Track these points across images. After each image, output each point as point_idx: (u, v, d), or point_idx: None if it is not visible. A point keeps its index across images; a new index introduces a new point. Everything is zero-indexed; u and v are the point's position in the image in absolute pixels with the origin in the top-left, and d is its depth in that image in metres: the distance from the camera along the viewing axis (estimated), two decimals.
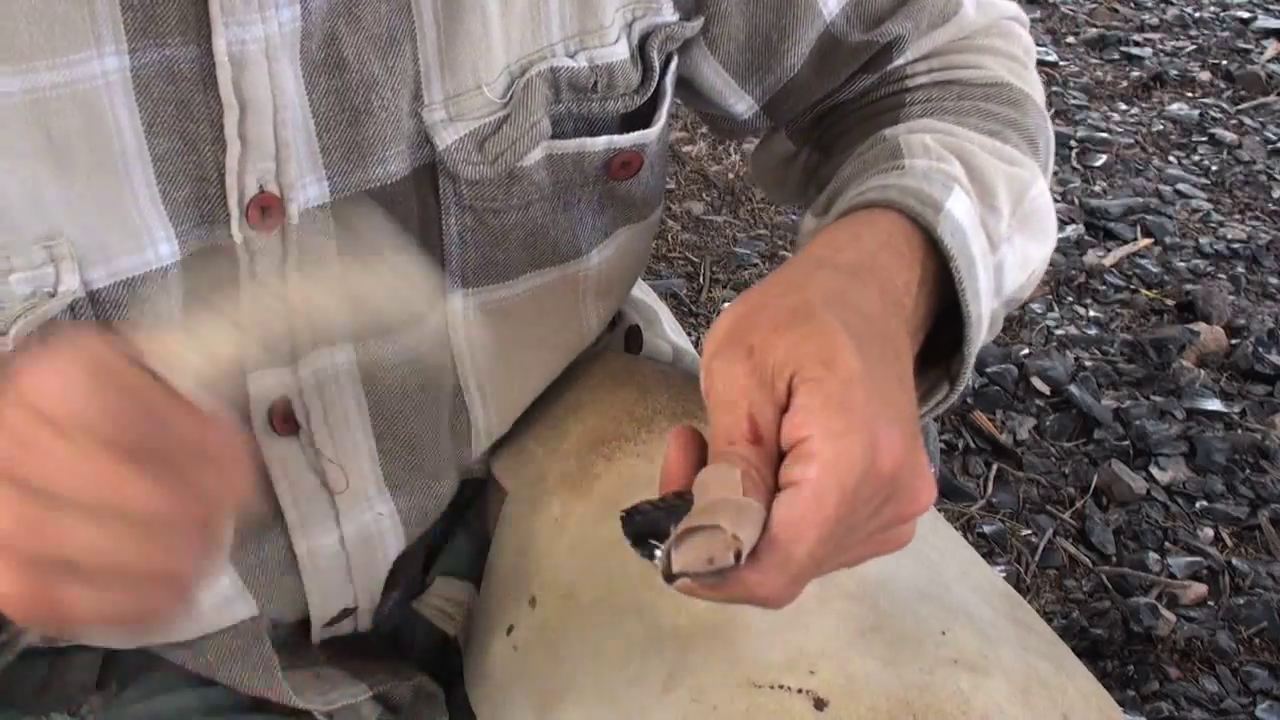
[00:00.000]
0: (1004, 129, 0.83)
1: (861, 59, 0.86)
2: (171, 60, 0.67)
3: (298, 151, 0.71)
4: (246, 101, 0.68)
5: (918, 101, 0.85)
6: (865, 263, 0.67)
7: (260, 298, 0.74)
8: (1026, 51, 0.91)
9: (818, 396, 0.57)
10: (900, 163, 0.76)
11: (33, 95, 0.64)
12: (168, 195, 0.69)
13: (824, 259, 0.67)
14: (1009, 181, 0.78)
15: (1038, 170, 0.83)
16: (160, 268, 0.70)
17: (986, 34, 0.88)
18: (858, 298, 0.64)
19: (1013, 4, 0.92)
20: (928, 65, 0.87)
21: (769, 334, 0.60)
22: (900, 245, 0.69)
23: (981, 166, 0.77)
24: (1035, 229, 0.81)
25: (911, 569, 0.74)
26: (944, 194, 0.71)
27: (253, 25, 0.67)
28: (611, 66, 0.78)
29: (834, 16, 0.84)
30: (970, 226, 0.72)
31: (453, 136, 0.75)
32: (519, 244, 0.81)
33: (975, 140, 0.80)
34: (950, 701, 0.65)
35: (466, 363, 0.83)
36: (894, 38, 0.85)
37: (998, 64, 0.87)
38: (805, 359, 0.58)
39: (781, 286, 0.64)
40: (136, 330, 0.58)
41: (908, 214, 0.70)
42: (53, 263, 0.67)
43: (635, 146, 0.81)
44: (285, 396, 0.78)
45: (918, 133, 0.79)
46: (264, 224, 0.72)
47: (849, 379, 0.58)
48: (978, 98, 0.85)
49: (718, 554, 0.56)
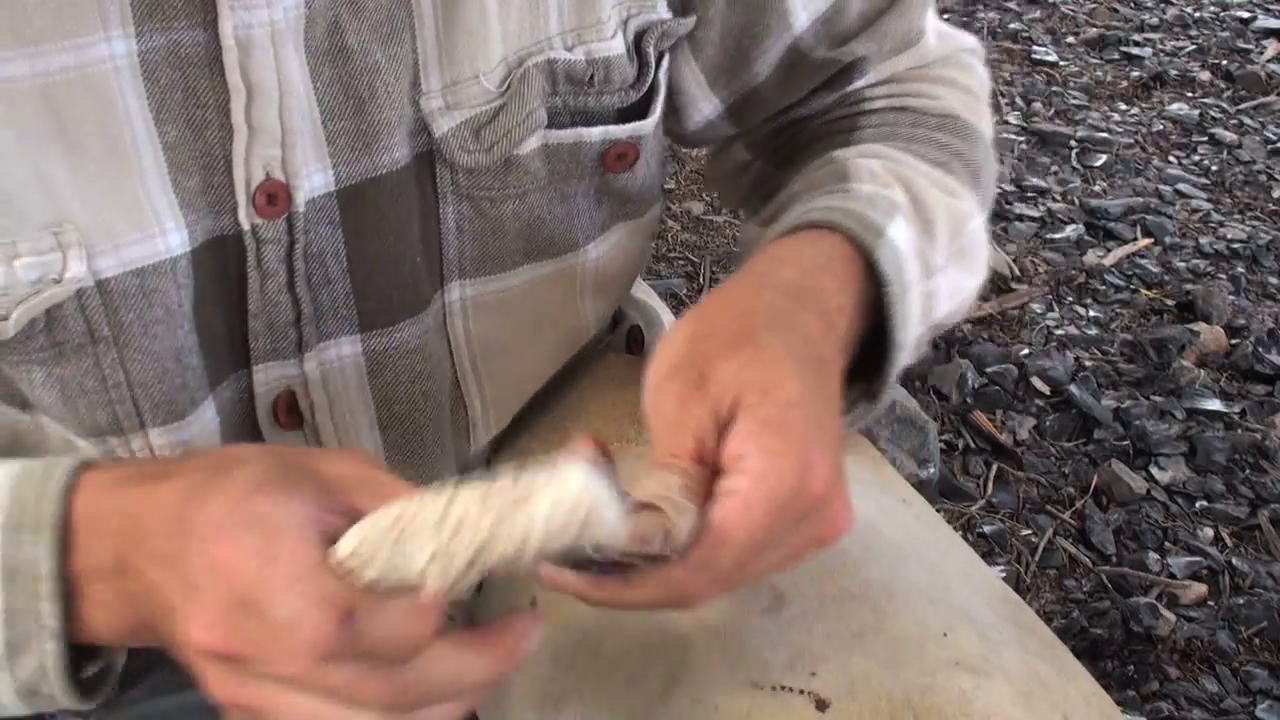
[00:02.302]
0: (950, 160, 0.85)
1: (825, 75, 0.88)
2: (178, 44, 0.67)
3: (303, 138, 0.71)
4: (253, 86, 0.68)
5: (872, 125, 0.88)
6: (805, 284, 0.70)
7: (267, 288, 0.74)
8: (981, 85, 0.94)
9: (756, 420, 0.61)
10: (847, 186, 0.78)
11: (43, 79, 0.64)
12: (178, 184, 0.69)
13: (766, 276, 0.71)
14: (949, 214, 0.81)
15: (977, 205, 0.86)
16: (170, 258, 0.70)
17: (944, 64, 0.91)
18: (799, 320, 0.67)
19: (971, 37, 0.95)
20: (886, 90, 0.89)
21: (715, 360, 0.63)
22: (839, 268, 0.72)
23: (924, 196, 0.80)
24: (969, 261, 0.84)
25: (914, 571, 0.74)
26: (886, 220, 0.74)
27: (258, 9, 0.67)
28: (609, 60, 0.79)
29: (803, 30, 0.86)
30: (908, 253, 0.75)
31: (449, 124, 0.76)
32: (516, 235, 0.81)
33: (921, 170, 0.83)
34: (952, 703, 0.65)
35: (464, 354, 0.84)
36: (857, 58, 0.87)
37: (953, 96, 0.90)
38: (747, 385, 0.62)
39: (729, 308, 0.68)
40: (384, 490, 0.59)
41: (849, 237, 0.72)
42: (60, 249, 0.67)
43: (631, 138, 0.82)
44: (290, 389, 0.78)
45: (867, 158, 0.82)
46: (270, 212, 0.72)
47: (787, 404, 0.62)
48: (931, 127, 0.87)
49: (650, 535, 0.58)
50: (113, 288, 0.69)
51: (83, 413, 0.72)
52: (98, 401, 0.72)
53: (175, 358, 0.72)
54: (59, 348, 0.70)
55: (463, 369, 0.84)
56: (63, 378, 0.71)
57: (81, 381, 0.71)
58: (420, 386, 0.82)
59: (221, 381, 0.77)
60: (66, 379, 0.71)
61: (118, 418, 0.73)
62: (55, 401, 0.71)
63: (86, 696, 0.65)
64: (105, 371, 0.71)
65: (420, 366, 0.82)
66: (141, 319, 0.70)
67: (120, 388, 0.72)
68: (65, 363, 0.70)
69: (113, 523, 0.60)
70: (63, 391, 0.71)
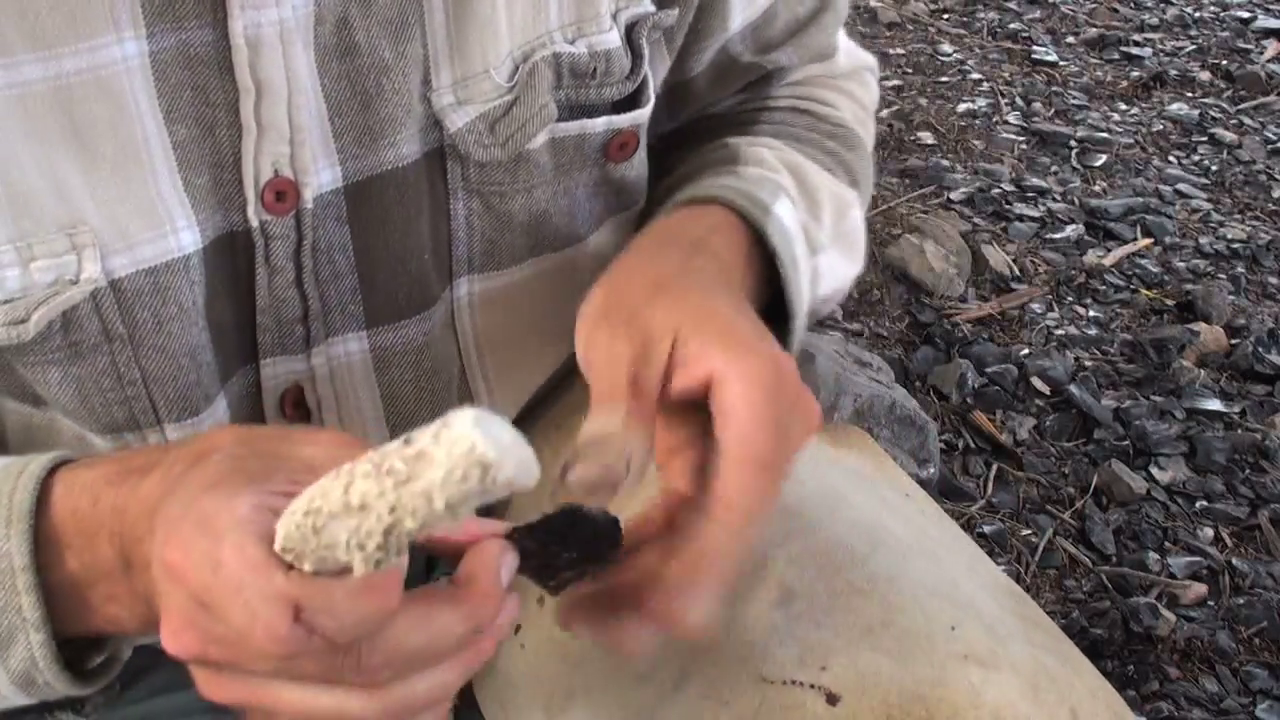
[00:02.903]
0: (836, 167, 0.91)
1: (748, 79, 0.93)
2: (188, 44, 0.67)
3: (311, 136, 0.72)
4: (262, 85, 0.69)
5: (772, 121, 0.93)
6: (697, 243, 0.73)
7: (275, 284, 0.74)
8: (873, 101, 1.02)
9: (707, 336, 0.62)
10: (735, 168, 0.83)
11: (56, 82, 0.64)
12: (189, 182, 0.69)
13: (663, 238, 0.73)
14: (833, 197, 0.87)
15: (857, 200, 0.91)
16: (182, 256, 0.70)
17: (847, 78, 0.98)
18: (699, 265, 0.70)
19: (870, 56, 1.04)
20: (790, 91, 0.95)
21: (643, 305, 0.64)
22: (725, 231, 0.75)
23: (811, 179, 0.86)
24: (849, 248, 0.89)
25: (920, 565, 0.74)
26: (772, 199, 0.78)
27: (268, 8, 0.67)
28: (609, 53, 0.80)
29: (733, 34, 0.89)
30: (794, 231, 0.78)
31: (464, 119, 0.76)
32: (523, 229, 0.82)
33: (810, 162, 0.88)
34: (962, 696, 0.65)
35: (471, 348, 0.84)
36: (778, 67, 0.93)
37: (848, 108, 0.96)
38: (683, 318, 0.63)
39: (636, 265, 0.70)
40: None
41: (737, 211, 0.76)
42: (75, 251, 0.67)
43: (632, 126, 0.83)
44: (298, 384, 0.79)
45: (757, 146, 0.87)
46: (279, 209, 0.72)
47: (728, 320, 0.64)
48: (823, 133, 0.93)
49: (612, 460, 0.58)
50: (127, 287, 0.69)
51: (99, 411, 0.72)
52: (114, 399, 0.72)
53: (189, 354, 0.73)
54: (75, 348, 0.70)
55: (470, 364, 0.85)
56: (79, 377, 0.71)
57: (98, 380, 0.71)
58: (427, 382, 0.83)
59: (231, 376, 0.77)
60: (83, 378, 0.71)
61: (134, 414, 0.73)
62: (71, 400, 0.72)
63: (85, 683, 0.66)
64: (121, 370, 0.71)
65: (427, 362, 0.82)
66: (156, 317, 0.71)
67: (136, 385, 0.72)
68: (81, 362, 0.70)
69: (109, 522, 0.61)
70: (79, 390, 0.71)
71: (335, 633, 0.54)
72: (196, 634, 0.55)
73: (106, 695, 0.87)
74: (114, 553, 0.61)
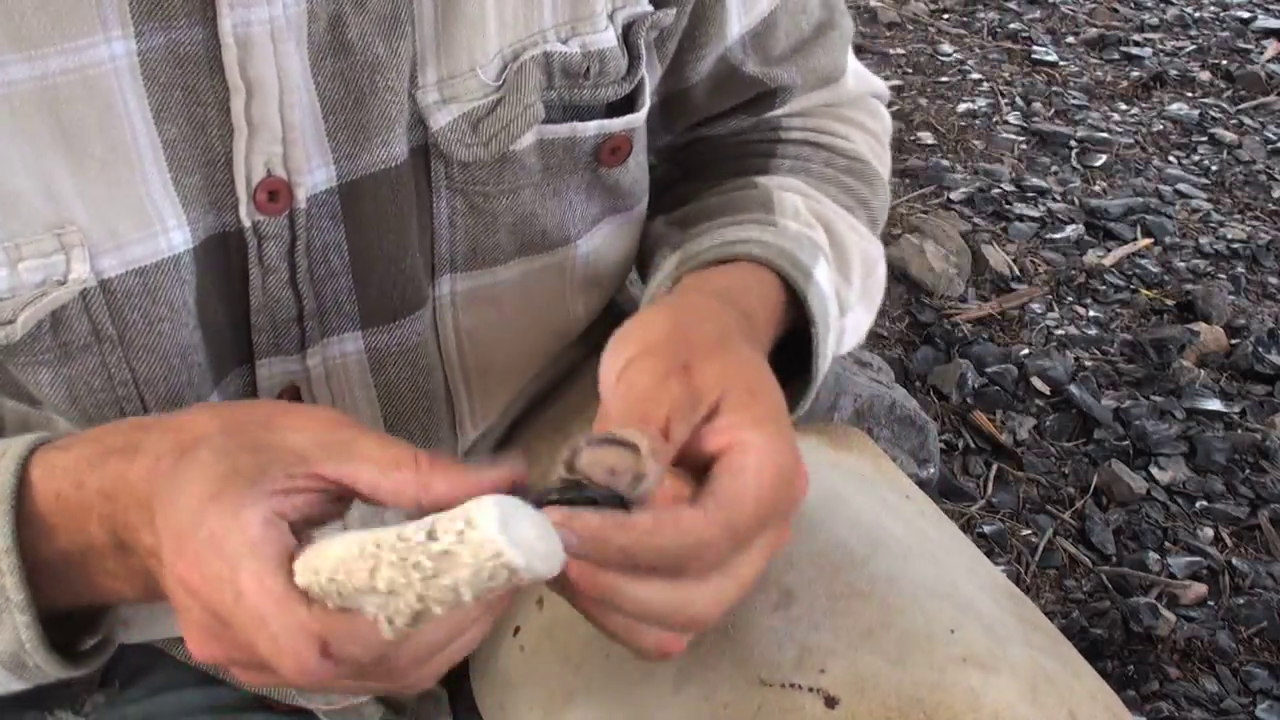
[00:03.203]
0: (857, 207, 0.92)
1: (749, 94, 0.92)
2: (177, 43, 0.67)
3: (304, 135, 0.71)
4: (253, 84, 0.68)
5: (789, 155, 0.93)
6: (751, 316, 0.74)
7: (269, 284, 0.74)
8: (885, 130, 1.01)
9: (747, 416, 0.62)
10: (773, 219, 0.83)
11: (43, 82, 0.64)
12: (179, 182, 0.69)
13: (727, 299, 0.74)
14: (863, 257, 0.88)
15: (881, 250, 0.93)
16: (172, 256, 0.70)
17: (854, 106, 0.98)
18: (749, 335, 0.71)
19: (880, 82, 1.03)
20: (801, 122, 0.95)
21: (702, 357, 0.64)
22: (772, 307, 0.77)
23: (842, 238, 0.86)
24: (871, 302, 0.91)
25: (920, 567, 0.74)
26: (812, 261, 0.79)
27: (258, 7, 0.67)
28: (603, 53, 0.79)
29: (733, 41, 0.88)
30: (829, 295, 0.80)
31: (447, 118, 0.76)
32: (508, 229, 0.81)
33: (838, 212, 0.89)
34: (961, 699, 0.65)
35: (451, 347, 0.84)
36: (781, 85, 0.92)
37: (862, 140, 0.96)
38: (733, 385, 0.64)
39: (704, 314, 0.70)
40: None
41: (782, 276, 0.77)
42: (63, 251, 0.67)
43: (625, 130, 0.83)
44: (294, 384, 0.78)
45: (788, 191, 0.87)
46: (272, 209, 0.72)
47: (772, 408, 0.64)
48: (840, 168, 0.93)
49: (620, 469, 0.57)
50: (116, 287, 0.69)
51: (90, 411, 0.72)
52: (105, 400, 0.72)
53: (180, 355, 0.73)
54: (65, 348, 0.70)
55: (450, 361, 0.84)
56: (70, 378, 0.71)
57: (88, 381, 0.71)
58: (423, 382, 0.82)
59: (225, 377, 0.77)
60: (73, 379, 0.71)
61: (125, 415, 0.73)
62: (63, 400, 0.72)
63: (77, 665, 0.66)
64: (111, 370, 0.71)
65: (422, 362, 0.82)
66: (146, 317, 0.70)
67: (127, 385, 0.72)
68: (72, 363, 0.70)
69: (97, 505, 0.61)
70: (70, 391, 0.71)
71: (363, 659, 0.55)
72: (221, 646, 0.57)
73: (107, 694, 0.87)
74: (105, 534, 0.61)
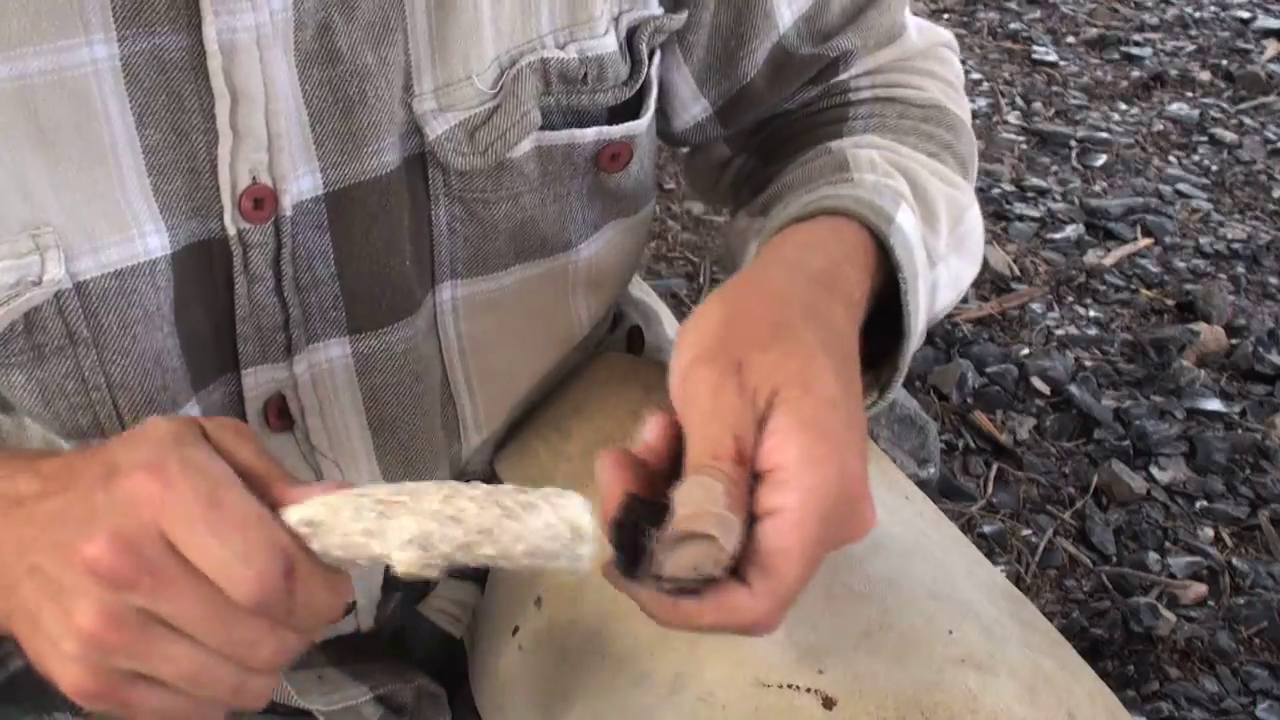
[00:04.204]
0: (941, 151, 0.86)
1: (811, 71, 0.88)
2: (161, 49, 0.66)
3: (291, 142, 0.71)
4: (238, 91, 0.68)
5: (860, 115, 0.88)
6: (833, 273, 0.69)
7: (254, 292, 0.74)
8: (958, 76, 0.96)
9: (795, 418, 0.60)
10: (849, 175, 0.79)
11: (20, 82, 0.64)
12: (158, 187, 0.69)
13: (798, 263, 0.70)
14: (949, 203, 0.82)
15: (972, 194, 0.87)
16: (149, 260, 0.70)
17: (925, 57, 0.93)
18: (828, 312, 0.67)
19: (947, 32, 0.97)
20: (870, 80, 0.90)
21: (753, 348, 0.62)
22: (860, 258, 0.71)
23: (925, 185, 0.80)
24: (968, 251, 0.85)
25: (919, 568, 0.74)
26: (893, 208, 0.74)
27: (243, 13, 0.67)
28: (601, 58, 0.79)
29: (787, 28, 0.86)
30: (915, 242, 0.75)
31: (443, 126, 0.75)
32: (508, 236, 0.81)
33: (918, 159, 0.83)
34: (959, 700, 0.65)
35: (454, 354, 0.84)
36: (842, 53, 0.88)
37: (935, 87, 0.91)
38: (785, 377, 0.61)
39: (762, 292, 0.67)
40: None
41: (862, 223, 0.72)
42: (38, 252, 0.67)
43: (625, 138, 0.82)
44: (280, 392, 0.78)
45: (864, 148, 0.82)
46: (257, 216, 0.71)
47: (825, 401, 0.61)
48: (917, 118, 0.88)
49: (703, 563, 0.57)
50: (91, 290, 0.69)
51: (64, 415, 0.72)
52: (78, 404, 0.72)
53: (155, 359, 0.72)
54: (38, 350, 0.69)
55: (452, 369, 0.84)
56: (43, 380, 0.70)
57: (61, 384, 0.71)
58: (411, 388, 0.82)
59: (208, 384, 0.76)
60: (47, 381, 0.70)
61: (99, 419, 0.72)
62: (36, 404, 0.71)
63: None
64: (85, 374, 0.71)
65: (411, 367, 0.81)
66: (120, 320, 0.70)
67: (100, 389, 0.72)
68: (45, 365, 0.70)
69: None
70: (43, 394, 0.71)
71: (301, 608, 0.56)
72: (136, 554, 0.55)
73: None
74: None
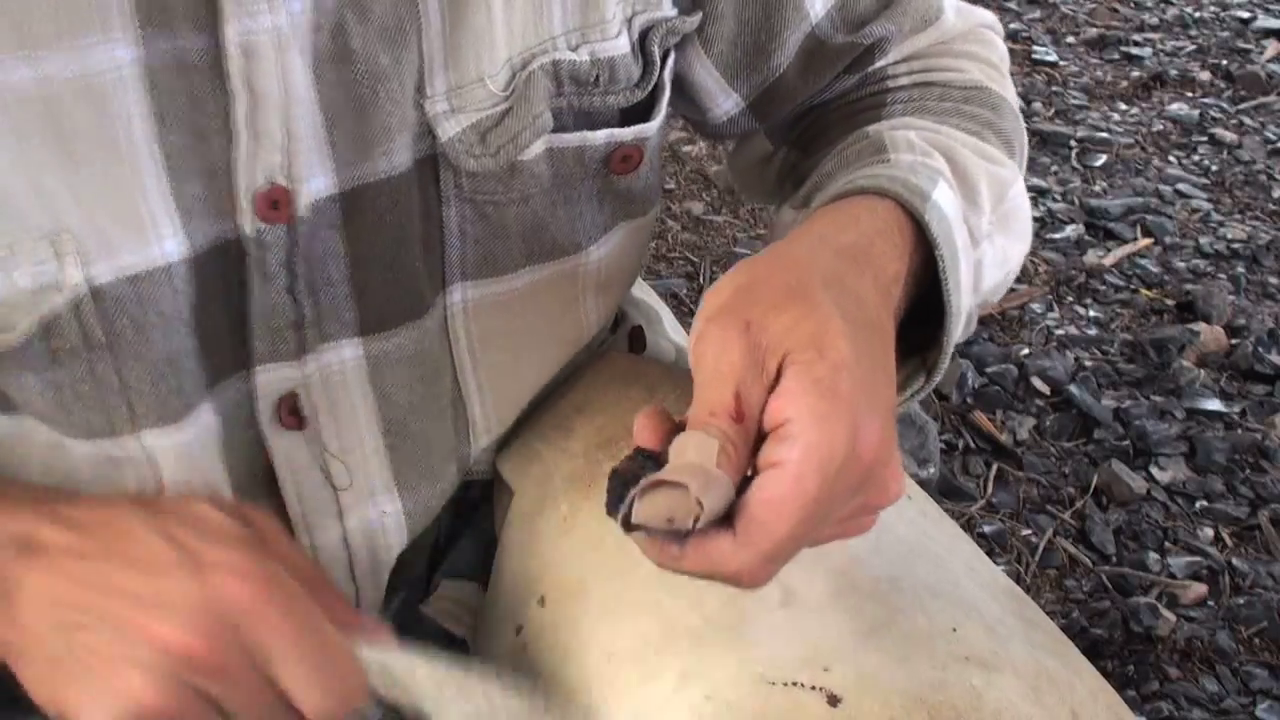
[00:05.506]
0: (983, 130, 0.84)
1: (845, 60, 0.87)
2: (182, 50, 0.67)
3: (307, 143, 0.71)
4: (256, 92, 0.68)
5: (899, 100, 0.87)
6: (863, 247, 0.68)
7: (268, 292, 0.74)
8: (1002, 59, 0.93)
9: (806, 379, 0.58)
10: (885, 156, 0.77)
11: (41, 85, 0.64)
12: (178, 190, 0.69)
13: (826, 237, 0.68)
14: (990, 180, 0.80)
15: (1017, 171, 0.84)
16: (165, 264, 0.70)
17: (965, 40, 0.90)
18: (854, 283, 0.65)
19: (989, 13, 0.94)
20: (909, 67, 0.89)
21: (766, 310, 0.60)
22: (894, 235, 0.70)
23: (965, 163, 0.79)
24: (1014, 228, 0.83)
25: (921, 566, 0.74)
26: (930, 185, 0.72)
27: (261, 15, 0.67)
28: (613, 60, 0.79)
29: (819, 19, 0.85)
30: (954, 219, 0.73)
31: (455, 128, 0.75)
32: (519, 237, 0.81)
33: (958, 138, 0.81)
34: (963, 698, 0.65)
35: (464, 356, 0.83)
36: (877, 39, 0.86)
37: (976, 69, 0.89)
38: (798, 340, 0.59)
39: (783, 261, 0.65)
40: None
41: (897, 201, 0.71)
42: (57, 258, 0.67)
43: (636, 140, 0.82)
44: (293, 391, 0.78)
45: (901, 129, 0.80)
46: (274, 217, 0.72)
47: (838, 365, 0.59)
48: (958, 99, 0.86)
49: (678, 514, 0.57)
50: (108, 294, 0.69)
51: (76, 416, 0.72)
52: (92, 405, 0.71)
53: (169, 362, 0.72)
54: (54, 354, 0.69)
55: (463, 371, 0.84)
56: (57, 383, 0.70)
57: (76, 387, 0.71)
58: (422, 389, 0.82)
59: (221, 383, 0.77)
60: (61, 384, 0.70)
61: (111, 421, 0.72)
62: (48, 406, 0.71)
63: None
64: (99, 376, 0.71)
65: (421, 369, 0.81)
66: (136, 325, 0.70)
67: (115, 393, 0.71)
68: (60, 369, 0.70)
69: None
70: (57, 396, 0.71)
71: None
72: (216, 650, 0.61)
73: None
74: None
